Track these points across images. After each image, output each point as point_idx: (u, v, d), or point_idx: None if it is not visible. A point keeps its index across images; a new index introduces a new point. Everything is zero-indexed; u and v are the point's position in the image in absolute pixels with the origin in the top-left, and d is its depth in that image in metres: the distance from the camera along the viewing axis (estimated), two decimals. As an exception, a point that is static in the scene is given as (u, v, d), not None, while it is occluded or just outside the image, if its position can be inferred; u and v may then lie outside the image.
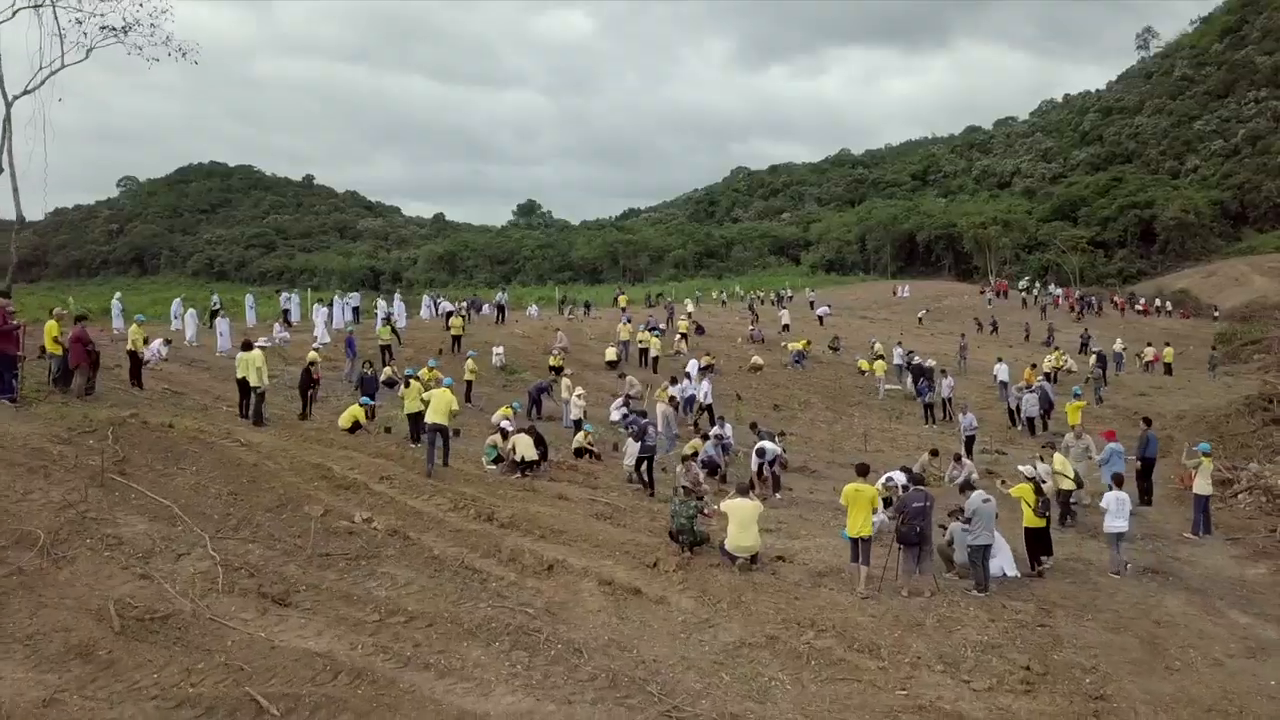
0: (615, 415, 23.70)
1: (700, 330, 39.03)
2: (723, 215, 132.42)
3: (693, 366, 29.06)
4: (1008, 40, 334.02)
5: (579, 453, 19.77)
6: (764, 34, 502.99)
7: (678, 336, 34.43)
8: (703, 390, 24.70)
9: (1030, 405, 25.62)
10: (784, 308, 43.86)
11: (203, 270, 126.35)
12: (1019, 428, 26.78)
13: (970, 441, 22.33)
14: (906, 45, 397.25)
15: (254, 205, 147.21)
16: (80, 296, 49.75)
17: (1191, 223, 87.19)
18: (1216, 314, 64.41)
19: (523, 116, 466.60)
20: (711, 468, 18.48)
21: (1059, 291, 65.46)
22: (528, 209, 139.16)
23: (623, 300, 47.46)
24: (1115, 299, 66.71)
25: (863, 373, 33.86)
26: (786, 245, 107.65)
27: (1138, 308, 62.80)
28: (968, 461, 19.61)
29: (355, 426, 18.28)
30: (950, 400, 27.82)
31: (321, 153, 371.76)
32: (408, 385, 18.14)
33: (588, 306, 46.93)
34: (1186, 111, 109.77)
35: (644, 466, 17.01)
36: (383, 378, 25.95)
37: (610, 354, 30.56)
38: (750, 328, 38.53)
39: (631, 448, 17.25)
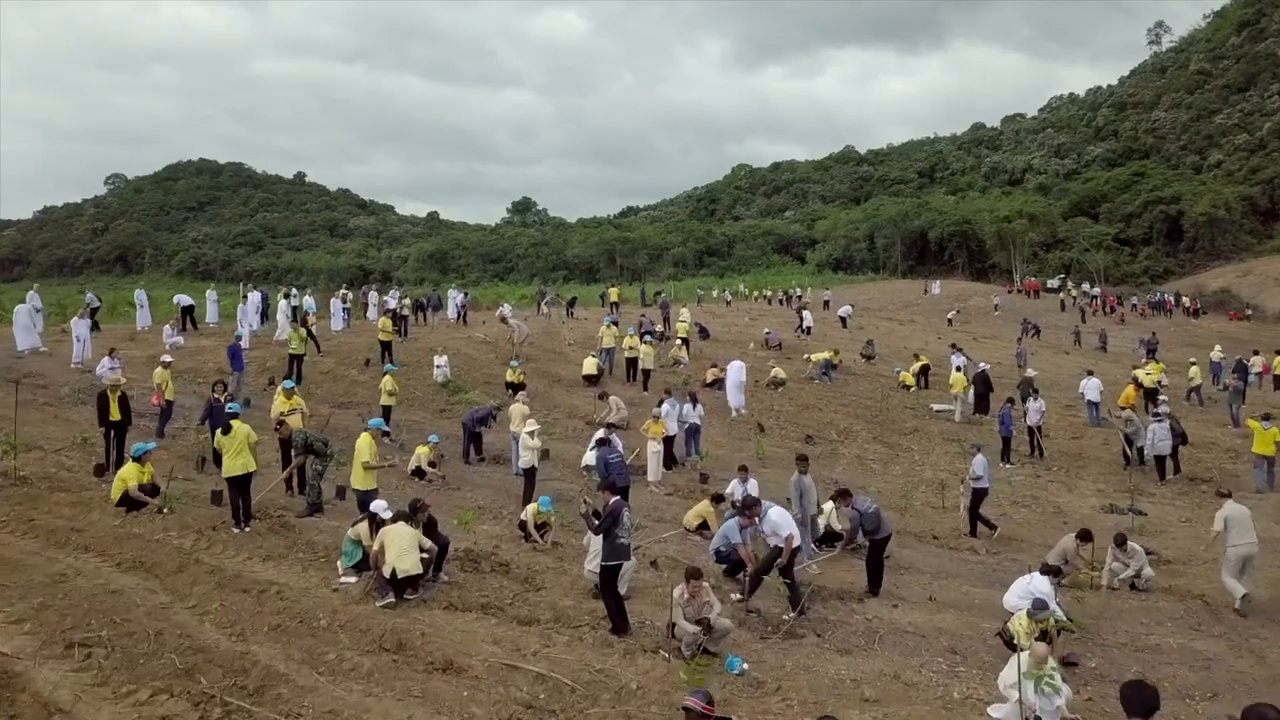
0: (590, 458, 16.23)
1: (705, 333, 31.53)
2: (724, 213, 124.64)
3: (736, 371, 21.60)
4: (1003, 41, 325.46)
5: (525, 530, 12.33)
6: (760, 34, 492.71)
7: (677, 342, 26.74)
8: (677, 412, 17.29)
9: (1161, 439, 18.06)
10: (805, 307, 35.86)
11: (187, 269, 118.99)
12: (1133, 466, 19.27)
13: (978, 499, 14.75)
14: (902, 46, 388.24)
15: (243, 203, 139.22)
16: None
17: (1222, 219, 79.96)
18: (1250, 313, 57.23)
19: (519, 116, 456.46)
20: (732, 566, 11.00)
21: (1096, 291, 57.65)
22: (523, 206, 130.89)
23: (614, 294, 39.47)
24: (1144, 299, 59.19)
25: (907, 387, 26.39)
26: (791, 243, 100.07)
27: (1186, 308, 55.18)
28: (1136, 547, 12.09)
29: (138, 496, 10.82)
30: (1040, 429, 20.26)
31: (318, 152, 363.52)
32: (227, 431, 10.69)
33: (572, 305, 39.19)
34: (1206, 105, 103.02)
35: (622, 571, 9.45)
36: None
37: (589, 366, 22.89)
38: (766, 331, 30.91)
39: (594, 545, 9.76)
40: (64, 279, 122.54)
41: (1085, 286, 60.71)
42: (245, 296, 26.33)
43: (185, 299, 27.39)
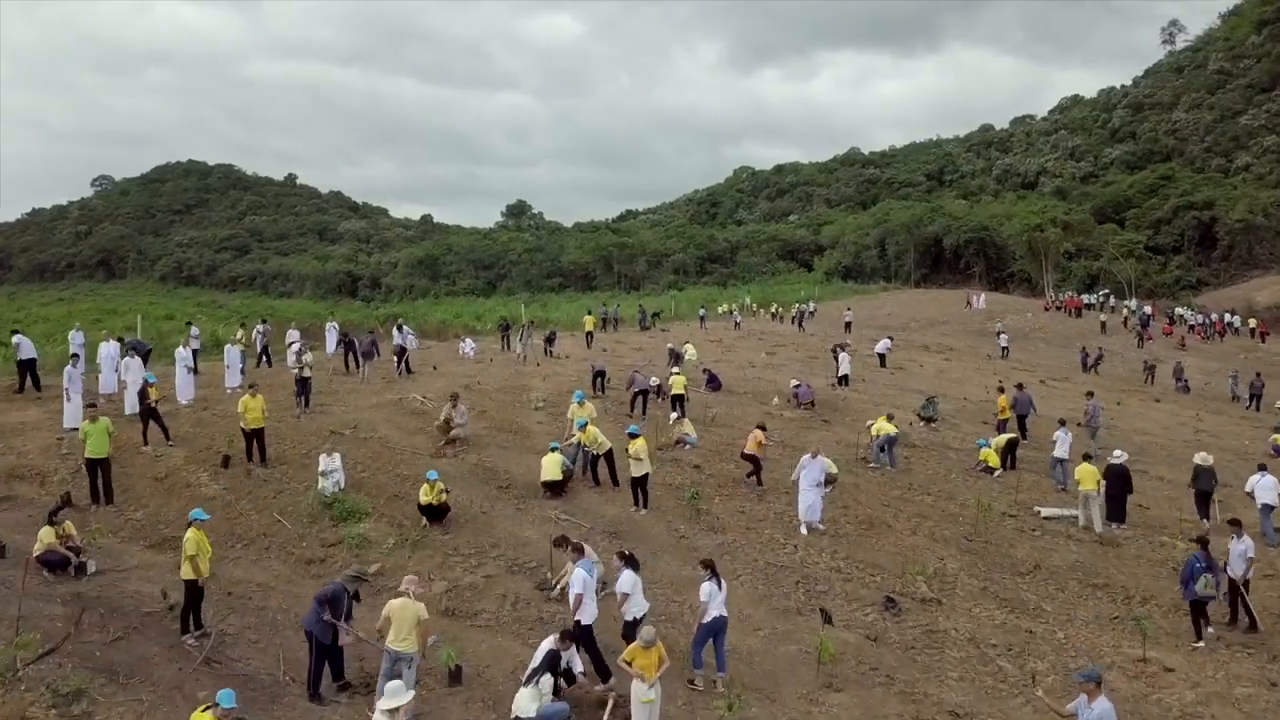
0: (526, 704, 8.67)
1: (715, 383, 23.96)
2: (725, 217, 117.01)
3: (814, 471, 14.08)
4: (997, 45, 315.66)
5: None
6: (754, 36, 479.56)
7: (674, 417, 18.81)
8: (706, 595, 9.76)
9: None
10: (843, 347, 27.15)
11: (171, 274, 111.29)
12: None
13: None
14: (898, 49, 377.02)
15: (231, 206, 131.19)
16: None
17: (1260, 225, 72.40)
18: (1289, 331, 49.97)
19: (515, 118, 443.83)
20: None
21: (1148, 309, 49.89)
22: (517, 210, 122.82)
23: (589, 322, 31.31)
24: (1194, 316, 51.57)
25: (991, 470, 18.79)
26: (796, 249, 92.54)
27: (1251, 329, 47.46)
28: None
29: None
30: (1247, 584, 12.66)
31: (316, 154, 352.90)
32: None
33: (552, 341, 29.96)
34: (1229, 105, 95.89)
35: None
36: (36, 551, 11.14)
37: (551, 468, 14.73)
38: (795, 384, 23.19)
39: None
40: (44, 284, 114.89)
41: (1131, 303, 52.88)
42: (75, 355, 18.31)
43: (26, 349, 19.64)
